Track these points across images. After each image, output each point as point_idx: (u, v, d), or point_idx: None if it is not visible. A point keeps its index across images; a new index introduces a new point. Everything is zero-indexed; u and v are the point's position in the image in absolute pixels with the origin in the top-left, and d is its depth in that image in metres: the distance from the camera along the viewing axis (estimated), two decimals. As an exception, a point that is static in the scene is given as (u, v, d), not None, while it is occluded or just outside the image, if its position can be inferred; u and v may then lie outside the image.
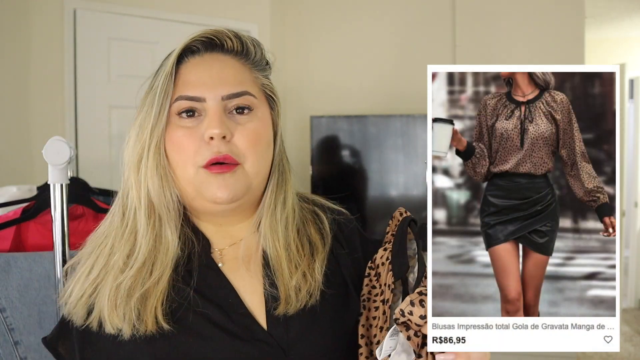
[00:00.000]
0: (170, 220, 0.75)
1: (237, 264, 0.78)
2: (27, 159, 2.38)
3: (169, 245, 0.75)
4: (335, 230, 0.84)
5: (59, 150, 1.02)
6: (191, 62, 0.76)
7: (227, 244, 0.80)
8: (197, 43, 0.77)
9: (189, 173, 0.74)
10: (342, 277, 0.81)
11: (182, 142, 0.74)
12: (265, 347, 0.72)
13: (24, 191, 1.37)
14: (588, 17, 3.71)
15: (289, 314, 0.74)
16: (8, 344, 1.09)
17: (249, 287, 0.77)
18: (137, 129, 0.76)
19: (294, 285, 0.75)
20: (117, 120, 2.64)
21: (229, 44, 0.78)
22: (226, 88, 0.74)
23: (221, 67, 0.76)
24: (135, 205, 0.75)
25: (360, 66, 3.10)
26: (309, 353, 0.74)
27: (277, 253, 0.77)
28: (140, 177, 0.75)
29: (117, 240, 0.75)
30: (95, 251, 0.77)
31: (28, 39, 2.42)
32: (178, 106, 0.74)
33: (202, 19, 2.81)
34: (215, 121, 0.72)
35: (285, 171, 0.82)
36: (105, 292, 0.72)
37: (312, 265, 0.78)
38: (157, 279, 0.72)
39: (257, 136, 0.75)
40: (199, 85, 0.74)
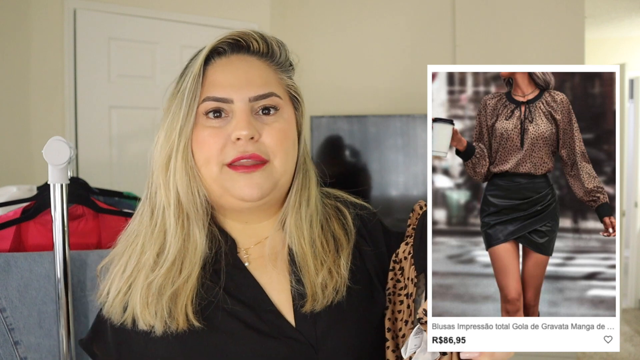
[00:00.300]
0: (198, 220, 0.77)
1: (263, 263, 0.80)
2: (27, 159, 2.38)
3: (197, 244, 0.76)
4: (358, 225, 0.85)
5: (59, 150, 1.02)
6: (218, 63, 0.78)
7: (253, 243, 0.81)
8: (223, 44, 0.78)
9: (214, 171, 0.75)
10: (367, 272, 0.82)
11: (208, 140, 0.74)
12: (295, 344, 0.73)
13: (24, 191, 1.37)
14: (588, 17, 3.71)
15: (316, 311, 0.75)
16: (8, 344, 1.09)
17: (275, 285, 0.78)
18: (165, 130, 0.77)
19: (320, 282, 0.76)
20: (117, 120, 2.64)
21: (255, 46, 0.79)
22: (253, 89, 0.75)
23: (248, 68, 0.77)
24: (164, 204, 0.77)
25: (360, 66, 3.11)
26: (337, 349, 0.75)
27: (303, 250, 0.78)
28: (168, 177, 0.76)
29: (147, 239, 0.77)
30: (127, 250, 0.78)
31: (28, 39, 2.42)
32: (205, 107, 0.75)
33: (202, 19, 2.81)
34: (243, 122, 0.73)
35: (308, 170, 0.83)
36: (137, 290, 0.74)
37: (338, 262, 0.79)
38: (186, 277, 0.74)
39: (284, 135, 0.76)
40: (226, 87, 0.75)
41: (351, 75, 3.10)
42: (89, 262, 1.19)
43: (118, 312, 0.75)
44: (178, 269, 0.74)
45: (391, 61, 3.10)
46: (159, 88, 2.74)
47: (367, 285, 0.81)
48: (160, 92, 2.87)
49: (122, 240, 0.81)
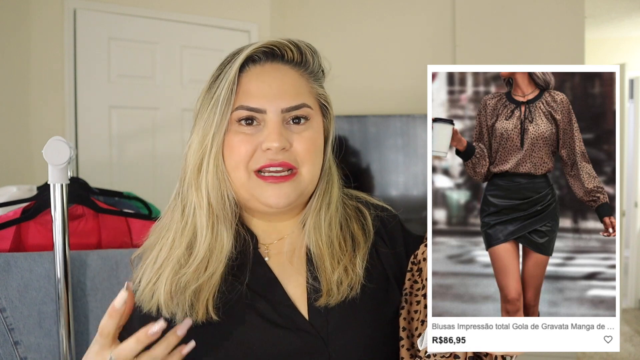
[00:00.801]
0: (227, 221, 0.80)
1: (282, 259, 0.83)
2: (27, 159, 2.38)
3: (224, 243, 0.79)
4: (378, 226, 0.88)
5: (59, 150, 1.02)
6: (252, 72, 0.79)
7: (274, 239, 0.85)
8: (259, 52, 0.80)
9: (242, 177, 0.78)
10: (384, 271, 0.84)
11: (239, 146, 0.77)
12: (307, 336, 0.76)
13: (24, 191, 1.38)
14: (588, 17, 3.71)
15: (330, 306, 0.78)
16: (8, 344, 1.09)
17: (292, 280, 0.81)
18: (199, 134, 0.79)
19: (336, 279, 0.79)
20: (117, 120, 2.64)
21: (289, 55, 0.81)
22: (286, 100, 0.77)
23: (282, 78, 0.79)
24: (195, 205, 0.80)
25: (360, 66, 3.11)
26: (348, 343, 0.77)
27: (320, 250, 0.81)
28: (200, 180, 0.79)
29: (178, 235, 0.80)
30: (159, 243, 0.82)
31: (28, 39, 2.42)
32: (238, 115, 0.77)
33: (202, 19, 2.81)
34: (274, 134, 0.75)
35: (332, 174, 0.86)
36: (163, 281, 0.77)
37: (354, 260, 0.81)
38: (210, 275, 0.77)
39: (312, 143, 0.79)
40: (259, 97, 0.77)
41: (351, 75, 3.10)
42: (89, 262, 1.19)
43: (147, 300, 0.78)
44: (204, 266, 0.78)
45: (391, 61, 3.10)
46: (159, 88, 2.74)
47: (383, 284, 0.83)
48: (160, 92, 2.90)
49: (154, 233, 0.84)
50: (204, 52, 2.80)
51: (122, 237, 1.30)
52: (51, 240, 1.09)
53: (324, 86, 0.85)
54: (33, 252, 1.16)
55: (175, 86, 2.77)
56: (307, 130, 0.79)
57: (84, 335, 1.17)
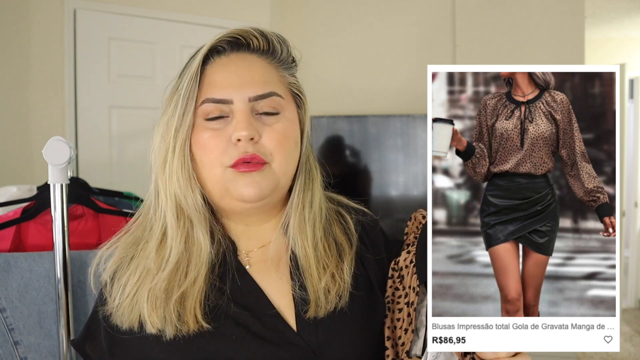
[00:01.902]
0: (201, 222, 0.75)
1: (265, 266, 0.78)
2: (27, 159, 2.38)
3: (202, 246, 0.75)
4: (360, 231, 0.84)
5: (59, 150, 1.02)
6: (217, 63, 0.76)
7: (255, 246, 0.80)
8: (223, 43, 0.77)
9: (216, 173, 0.73)
10: (368, 278, 0.81)
11: (209, 143, 0.73)
12: (296, 349, 0.72)
13: (24, 191, 1.37)
14: (588, 17, 3.71)
15: (319, 317, 0.74)
16: (8, 344, 1.09)
17: (277, 289, 0.77)
18: (161, 130, 0.75)
19: (323, 287, 0.75)
20: (117, 120, 2.64)
21: (255, 43, 0.77)
22: (253, 89, 0.74)
23: (248, 67, 0.75)
24: (164, 206, 0.76)
25: (360, 66, 3.11)
26: (339, 355, 0.74)
27: (306, 252, 0.77)
28: (165, 178, 0.75)
29: (153, 243, 0.76)
30: (137, 255, 0.77)
31: (28, 39, 2.42)
32: (205, 110, 0.74)
33: (202, 19, 2.81)
34: (242, 123, 0.72)
35: (312, 169, 0.81)
36: (144, 294, 0.73)
37: (341, 266, 0.78)
38: (192, 280, 0.73)
39: (284, 136, 0.75)
40: (225, 87, 0.73)
41: (351, 75, 3.10)
42: (89, 262, 1.19)
43: (126, 316, 0.74)
44: (184, 272, 0.73)
45: (391, 61, 3.10)
46: (159, 88, 2.73)
47: (369, 292, 0.80)
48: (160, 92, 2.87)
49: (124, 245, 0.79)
50: (204, 52, 2.80)
51: (122, 237, 1.30)
52: (51, 240, 1.09)
53: (296, 76, 0.81)
54: (33, 252, 1.16)
55: (175, 86, 2.77)
56: (279, 122, 0.75)
57: (84, 335, 1.17)
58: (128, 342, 0.74)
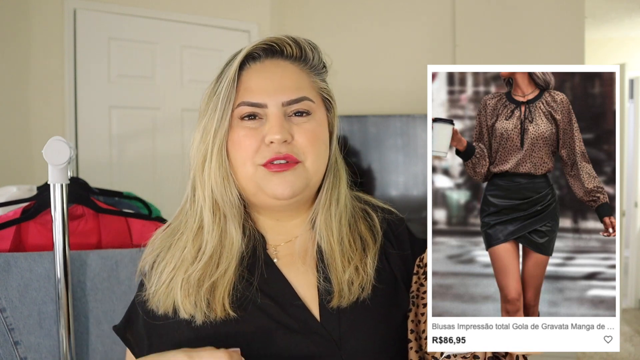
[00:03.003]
0: (234, 217, 0.81)
1: (291, 260, 0.83)
2: (27, 159, 2.38)
3: (234, 240, 0.80)
4: (385, 228, 0.88)
5: (59, 150, 1.02)
6: (252, 69, 0.80)
7: (282, 241, 0.85)
8: (258, 50, 0.81)
9: (249, 171, 0.78)
10: (392, 273, 0.85)
11: (244, 142, 0.78)
12: (319, 339, 0.76)
13: (24, 191, 1.37)
14: (588, 17, 3.71)
15: (342, 307, 0.78)
16: (8, 344, 1.09)
17: (302, 281, 0.81)
18: (201, 131, 0.80)
19: (347, 279, 0.79)
20: (117, 120, 2.64)
21: (288, 50, 0.82)
22: (286, 94, 0.78)
23: (281, 73, 0.80)
24: (201, 202, 0.81)
25: (360, 66, 3.11)
26: (360, 345, 0.77)
27: (331, 247, 0.81)
28: (204, 176, 0.80)
29: (191, 236, 0.82)
30: (174, 245, 0.83)
31: (28, 39, 2.42)
32: (240, 111, 0.79)
33: (202, 19, 2.81)
34: (276, 127, 0.76)
35: (339, 170, 0.87)
36: (178, 281, 0.78)
37: (365, 260, 0.82)
38: (223, 271, 0.78)
39: (315, 136, 0.79)
40: (260, 92, 0.78)
41: (351, 75, 3.10)
42: (89, 262, 1.19)
43: (162, 302, 0.79)
44: (215, 263, 0.79)
45: (391, 61, 3.10)
46: (159, 88, 2.74)
47: (392, 286, 0.83)
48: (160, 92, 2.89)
49: (162, 236, 0.86)
50: (204, 52, 2.80)
51: (122, 237, 1.30)
52: (51, 240, 1.09)
53: (326, 81, 0.86)
54: (33, 252, 1.16)
55: (175, 86, 2.77)
56: (309, 123, 0.79)
57: (84, 335, 1.17)
58: (162, 327, 0.80)
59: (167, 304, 0.79)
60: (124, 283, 1.22)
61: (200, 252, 0.80)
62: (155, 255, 0.84)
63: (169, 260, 0.81)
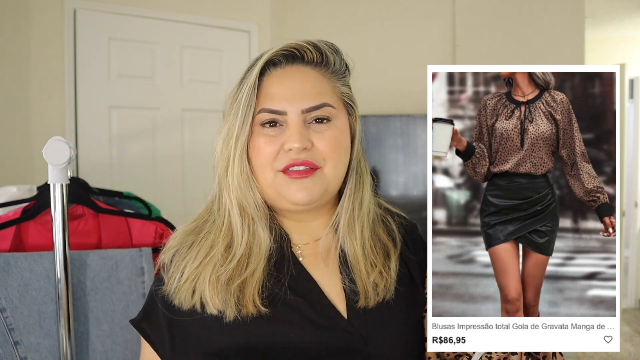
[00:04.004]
0: (261, 219, 0.82)
1: (316, 259, 0.84)
2: (27, 159, 2.38)
3: (262, 241, 0.82)
4: (402, 233, 0.89)
5: (59, 150, 1.02)
6: (273, 75, 0.81)
7: (306, 240, 0.86)
8: (278, 56, 0.81)
9: (269, 177, 0.80)
10: (410, 275, 0.86)
11: (264, 148, 0.79)
12: (347, 335, 0.77)
13: (24, 191, 1.38)
14: (588, 17, 3.71)
15: (369, 307, 0.79)
16: (8, 344, 1.09)
17: (328, 280, 0.82)
18: (224, 137, 0.82)
19: (372, 282, 0.80)
20: (117, 120, 2.63)
21: (309, 56, 0.82)
22: (306, 101, 0.79)
23: (302, 80, 0.80)
24: (228, 206, 0.83)
25: (360, 66, 3.10)
26: (386, 342, 0.79)
27: (355, 251, 0.82)
28: (228, 182, 0.82)
29: (218, 236, 0.82)
30: (197, 243, 0.83)
31: (28, 39, 2.42)
32: (261, 118, 0.79)
33: (202, 19, 2.81)
34: (295, 134, 0.77)
35: (362, 173, 0.86)
36: (206, 278, 0.79)
37: (388, 264, 0.83)
38: (252, 271, 0.79)
39: (336, 142, 0.80)
40: (280, 99, 0.79)
41: (351, 75, 3.10)
42: (89, 262, 1.19)
43: (186, 297, 0.80)
44: (245, 262, 0.80)
45: (391, 61, 3.10)
46: (159, 88, 2.74)
47: (410, 287, 0.85)
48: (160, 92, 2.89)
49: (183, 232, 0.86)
50: (204, 52, 2.80)
51: (122, 237, 1.30)
52: (51, 240, 1.09)
53: (349, 84, 0.88)
54: (33, 252, 1.16)
55: (175, 86, 2.77)
56: (330, 130, 0.80)
57: (84, 335, 1.17)
58: (188, 323, 0.80)
59: (194, 300, 0.79)
60: (124, 283, 1.22)
61: (231, 252, 0.81)
62: (174, 250, 0.85)
63: (193, 257, 0.82)
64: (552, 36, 2.87)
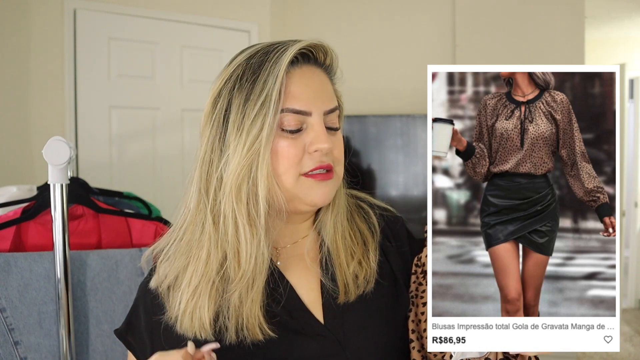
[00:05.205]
0: (264, 229, 0.75)
1: (294, 261, 0.82)
2: (27, 159, 2.38)
3: (265, 253, 0.75)
4: (382, 225, 0.88)
5: (59, 150, 1.02)
6: (293, 74, 0.76)
7: (287, 243, 0.84)
8: (297, 54, 0.77)
9: (290, 180, 0.75)
10: (391, 270, 0.85)
11: (288, 151, 0.74)
12: (324, 341, 0.76)
13: (24, 191, 1.38)
14: (588, 17, 3.71)
15: (349, 301, 0.78)
16: (8, 344, 1.09)
17: (305, 282, 0.81)
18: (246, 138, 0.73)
19: (352, 273, 0.79)
20: (117, 120, 2.64)
21: (321, 58, 0.81)
22: (326, 103, 0.78)
23: (319, 80, 0.79)
24: (237, 216, 0.74)
25: (360, 66, 3.11)
26: (365, 345, 0.77)
27: (336, 244, 0.81)
28: (250, 188, 0.74)
29: (213, 249, 0.76)
30: (192, 262, 0.77)
31: (28, 39, 2.42)
32: (286, 120, 0.74)
33: (202, 19, 2.81)
34: (323, 135, 0.75)
35: None
36: (205, 300, 0.75)
37: (367, 254, 0.82)
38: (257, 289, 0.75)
39: (342, 145, 0.81)
40: (304, 99, 0.76)
41: (351, 75, 3.09)
42: (89, 262, 1.19)
43: (188, 325, 0.75)
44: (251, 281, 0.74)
45: (391, 61, 3.10)
46: (159, 88, 2.74)
47: (391, 282, 0.84)
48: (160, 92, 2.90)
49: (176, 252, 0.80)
50: (204, 52, 2.80)
51: (122, 237, 1.30)
52: (51, 240, 1.09)
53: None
54: (33, 252, 1.16)
55: (175, 86, 2.77)
56: (339, 133, 0.81)
57: (84, 335, 1.18)
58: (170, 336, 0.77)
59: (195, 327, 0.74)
60: (124, 283, 1.22)
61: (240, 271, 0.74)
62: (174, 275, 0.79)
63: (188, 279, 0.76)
64: (552, 36, 2.88)
